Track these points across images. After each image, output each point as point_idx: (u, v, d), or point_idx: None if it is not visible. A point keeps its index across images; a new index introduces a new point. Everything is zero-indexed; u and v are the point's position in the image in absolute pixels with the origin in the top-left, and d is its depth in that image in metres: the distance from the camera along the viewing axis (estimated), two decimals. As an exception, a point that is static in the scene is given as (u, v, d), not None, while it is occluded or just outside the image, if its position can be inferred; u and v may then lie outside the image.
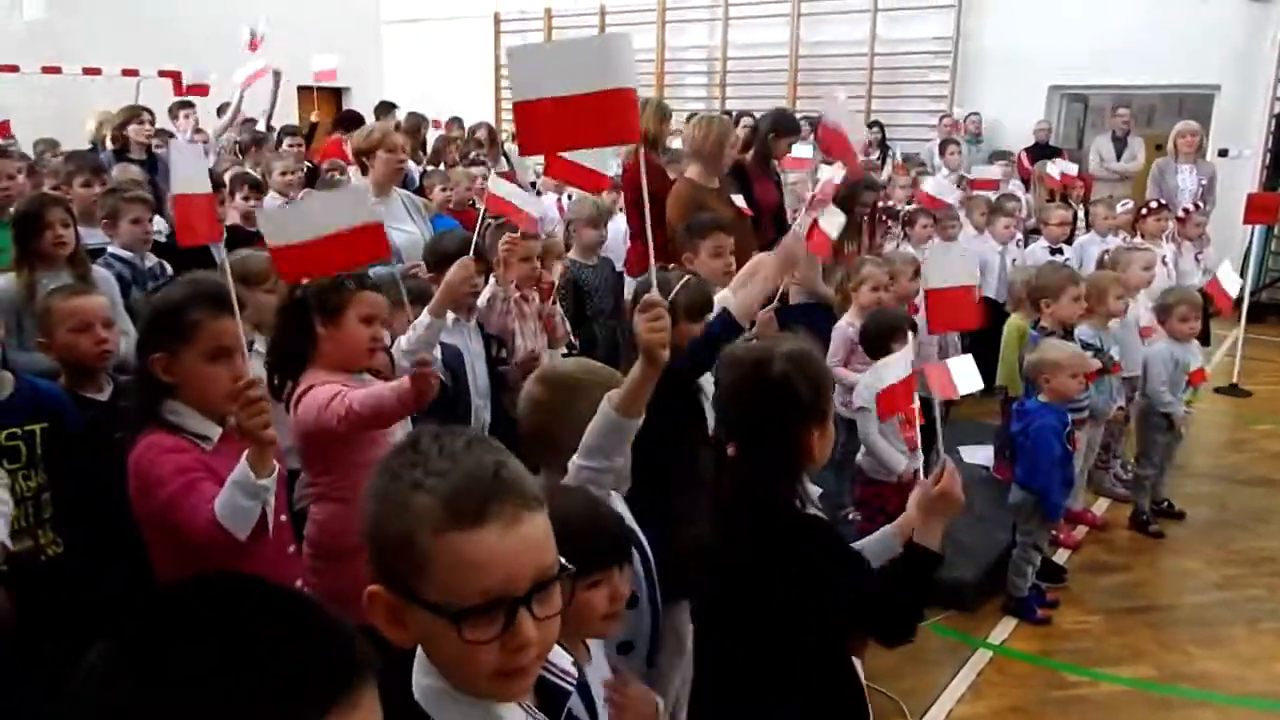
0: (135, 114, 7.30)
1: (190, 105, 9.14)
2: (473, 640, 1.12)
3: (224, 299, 2.35)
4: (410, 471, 1.17)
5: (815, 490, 2.26)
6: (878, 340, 4.33)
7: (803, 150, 6.57)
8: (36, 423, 2.76)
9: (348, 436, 2.63)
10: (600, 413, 2.04)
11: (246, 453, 2.13)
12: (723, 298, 3.27)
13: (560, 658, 1.32)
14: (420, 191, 6.24)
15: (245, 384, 2.13)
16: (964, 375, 4.25)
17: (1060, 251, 6.86)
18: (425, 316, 3.32)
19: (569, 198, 6.16)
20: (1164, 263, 6.30)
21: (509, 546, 1.14)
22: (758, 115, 7.63)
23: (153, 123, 7.65)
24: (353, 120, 9.34)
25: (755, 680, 2.07)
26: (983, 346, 5.92)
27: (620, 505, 2.20)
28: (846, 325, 4.97)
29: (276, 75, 9.33)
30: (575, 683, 1.35)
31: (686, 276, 3.23)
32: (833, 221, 4.07)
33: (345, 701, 0.78)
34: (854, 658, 2.30)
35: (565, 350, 4.55)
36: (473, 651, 1.13)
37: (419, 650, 1.22)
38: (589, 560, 1.70)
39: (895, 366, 3.28)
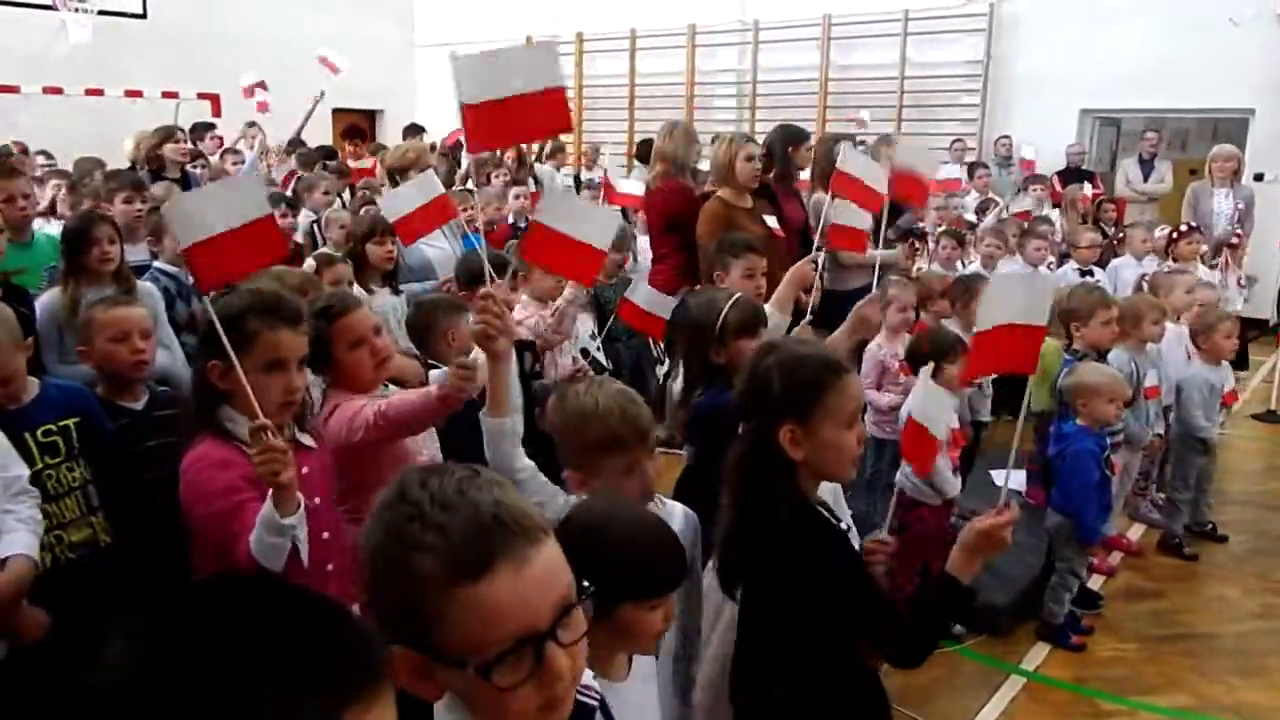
0: (170, 134, 7.42)
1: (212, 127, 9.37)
2: (507, 686, 1.09)
3: (283, 310, 2.38)
4: (407, 527, 1.11)
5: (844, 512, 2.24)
6: (929, 361, 4.29)
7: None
8: (69, 418, 2.81)
9: (376, 448, 2.64)
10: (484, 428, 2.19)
11: (270, 492, 2.15)
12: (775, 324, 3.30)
13: (585, 675, 1.30)
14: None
15: (258, 426, 2.13)
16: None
17: (1090, 274, 6.81)
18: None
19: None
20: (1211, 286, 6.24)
21: (523, 588, 1.09)
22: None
23: (188, 142, 7.79)
24: (354, 133, 9.62)
25: (775, 664, 2.10)
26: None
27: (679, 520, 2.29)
28: (877, 347, 4.94)
29: (319, 96, 9.58)
30: (599, 700, 1.33)
31: (736, 295, 3.23)
32: (862, 218, 4.09)
33: (361, 700, 0.78)
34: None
35: (595, 370, 4.56)
36: (510, 698, 1.10)
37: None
38: (654, 586, 1.72)
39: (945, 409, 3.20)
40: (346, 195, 8.07)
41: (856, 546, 2.27)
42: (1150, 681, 4.09)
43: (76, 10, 12.46)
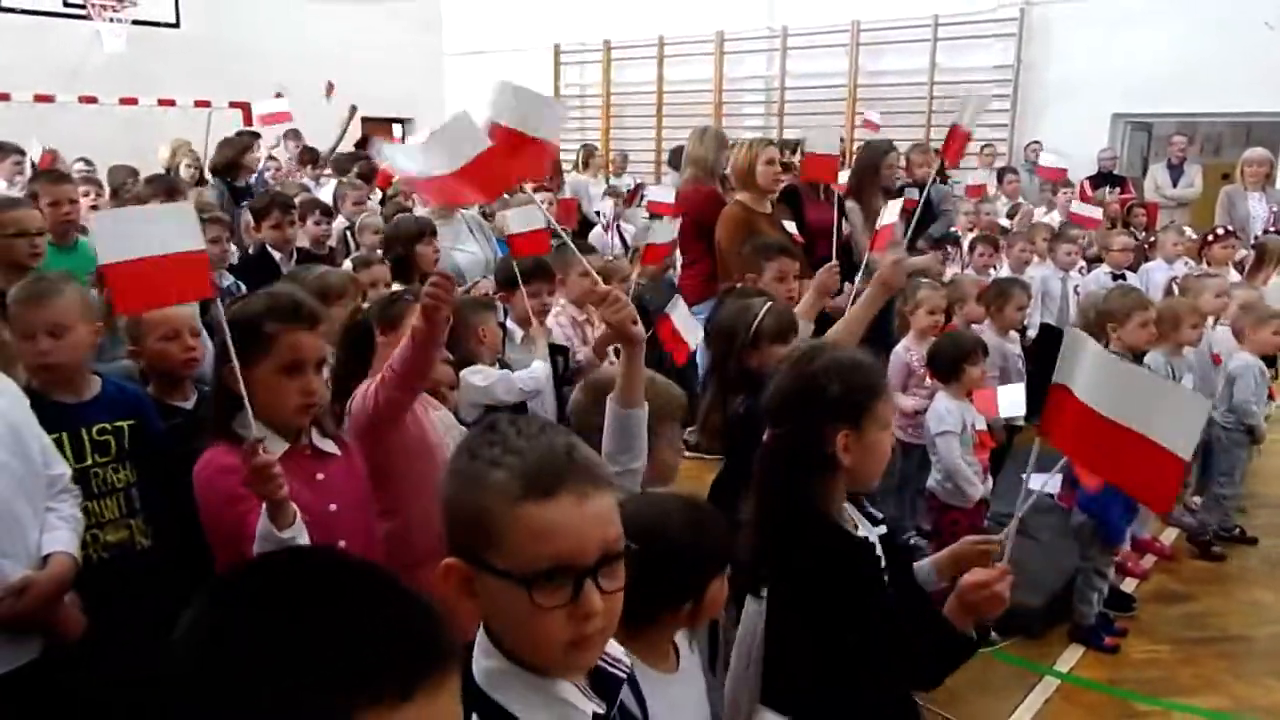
0: (248, 145, 7.65)
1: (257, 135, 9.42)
2: (542, 604, 1.18)
3: (300, 313, 2.39)
4: (488, 450, 1.25)
5: (871, 522, 2.19)
6: (951, 363, 4.34)
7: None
8: (124, 419, 2.83)
9: (397, 418, 2.64)
10: (608, 413, 2.15)
11: (265, 507, 2.14)
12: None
13: (614, 648, 1.36)
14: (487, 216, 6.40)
15: (252, 443, 2.11)
16: (1010, 402, 4.26)
17: (1123, 278, 6.79)
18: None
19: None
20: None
21: (578, 519, 1.21)
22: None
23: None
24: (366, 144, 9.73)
25: (802, 665, 2.07)
26: (1047, 371, 5.88)
27: None
28: (904, 350, 4.96)
29: (352, 109, 9.63)
30: (628, 672, 1.38)
31: (769, 301, 3.26)
32: (891, 211, 4.11)
33: (431, 683, 0.80)
34: None
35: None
36: (543, 620, 1.19)
37: (479, 636, 1.28)
38: (727, 553, 1.86)
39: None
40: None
41: (880, 546, 2.22)
42: (1185, 683, 4.09)
43: (111, 20, 12.67)
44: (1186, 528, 5.54)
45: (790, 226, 5.48)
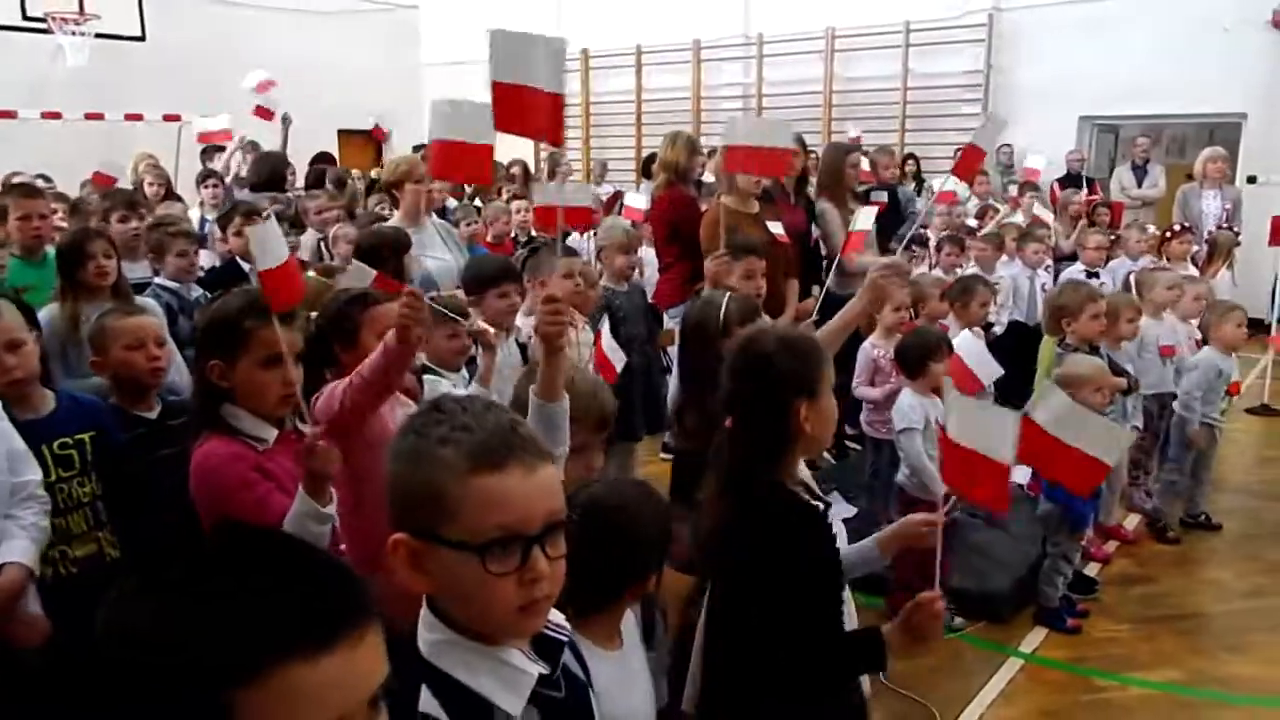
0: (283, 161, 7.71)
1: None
2: (494, 571, 1.25)
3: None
4: (436, 428, 1.31)
5: (808, 475, 2.33)
6: (917, 359, 4.47)
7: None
8: (84, 432, 2.88)
9: (362, 421, 2.63)
10: (530, 403, 2.25)
11: (303, 484, 2.27)
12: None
13: (554, 615, 1.42)
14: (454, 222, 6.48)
15: (317, 434, 2.27)
16: (982, 367, 4.39)
17: (1096, 275, 6.99)
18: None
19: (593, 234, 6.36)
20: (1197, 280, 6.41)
21: (526, 489, 1.28)
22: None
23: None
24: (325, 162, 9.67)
25: (749, 655, 2.11)
26: (1018, 370, 6.07)
27: None
28: (871, 346, 5.11)
29: (286, 120, 9.53)
30: (569, 637, 1.46)
31: (730, 292, 3.43)
32: (865, 218, 4.23)
33: (348, 637, 0.88)
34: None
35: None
36: (494, 586, 1.26)
37: (424, 612, 1.34)
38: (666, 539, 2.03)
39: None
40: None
41: (840, 525, 2.33)
42: (1143, 659, 4.26)
43: (74, 34, 12.36)
44: (1147, 513, 5.73)
45: (776, 227, 5.61)
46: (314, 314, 2.96)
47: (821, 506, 2.23)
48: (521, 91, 2.37)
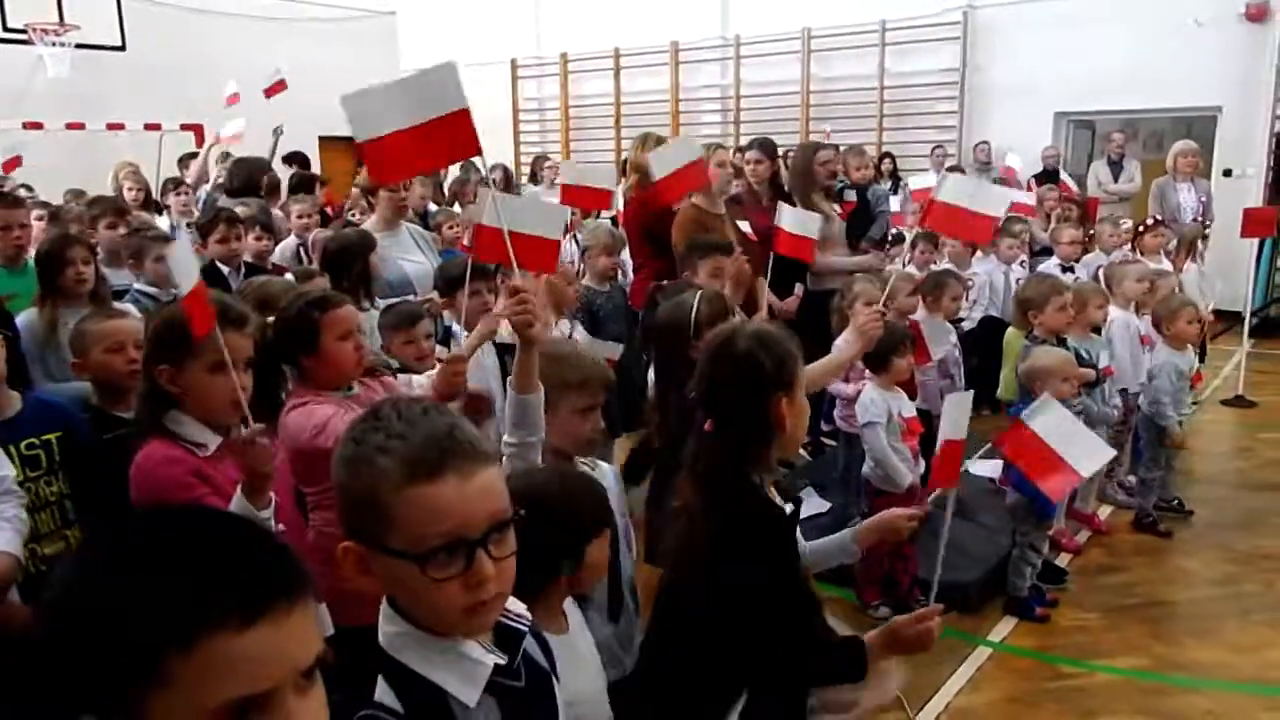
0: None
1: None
2: (438, 578, 1.26)
3: (227, 315, 2.46)
4: (373, 435, 1.30)
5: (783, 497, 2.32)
6: (880, 354, 4.50)
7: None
8: (51, 432, 2.91)
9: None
10: (508, 394, 2.33)
11: (241, 487, 2.24)
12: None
13: (515, 604, 1.45)
14: (435, 229, 6.51)
15: (255, 430, 2.25)
16: (935, 337, 4.47)
17: (1071, 270, 7.04)
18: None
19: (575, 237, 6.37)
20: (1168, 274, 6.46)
21: (464, 496, 1.27)
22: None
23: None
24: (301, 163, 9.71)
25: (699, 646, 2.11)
26: (990, 363, 6.14)
27: (610, 479, 2.48)
28: (843, 342, 5.14)
29: (277, 131, 9.55)
30: (529, 626, 1.48)
31: (700, 291, 3.45)
32: (803, 224, 4.27)
33: (276, 610, 0.90)
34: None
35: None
36: (439, 590, 1.26)
37: (383, 605, 1.35)
38: (605, 518, 2.05)
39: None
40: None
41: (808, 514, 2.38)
42: (1109, 647, 4.30)
43: (54, 44, 12.39)
44: (1119, 505, 5.79)
45: (745, 226, 5.65)
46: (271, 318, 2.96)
47: (790, 508, 2.25)
48: (398, 138, 2.40)
